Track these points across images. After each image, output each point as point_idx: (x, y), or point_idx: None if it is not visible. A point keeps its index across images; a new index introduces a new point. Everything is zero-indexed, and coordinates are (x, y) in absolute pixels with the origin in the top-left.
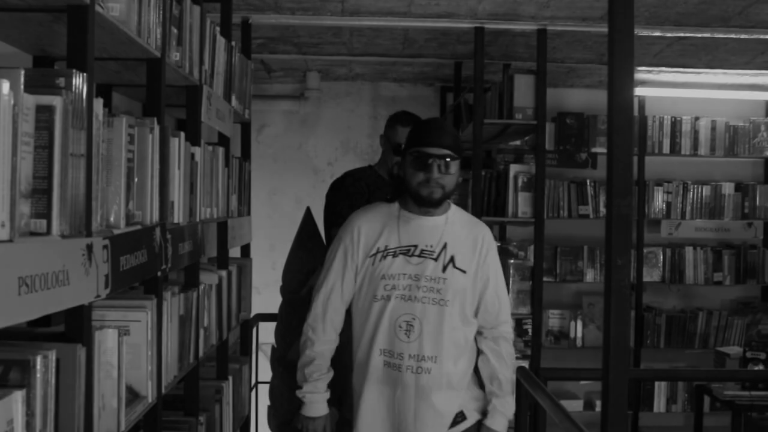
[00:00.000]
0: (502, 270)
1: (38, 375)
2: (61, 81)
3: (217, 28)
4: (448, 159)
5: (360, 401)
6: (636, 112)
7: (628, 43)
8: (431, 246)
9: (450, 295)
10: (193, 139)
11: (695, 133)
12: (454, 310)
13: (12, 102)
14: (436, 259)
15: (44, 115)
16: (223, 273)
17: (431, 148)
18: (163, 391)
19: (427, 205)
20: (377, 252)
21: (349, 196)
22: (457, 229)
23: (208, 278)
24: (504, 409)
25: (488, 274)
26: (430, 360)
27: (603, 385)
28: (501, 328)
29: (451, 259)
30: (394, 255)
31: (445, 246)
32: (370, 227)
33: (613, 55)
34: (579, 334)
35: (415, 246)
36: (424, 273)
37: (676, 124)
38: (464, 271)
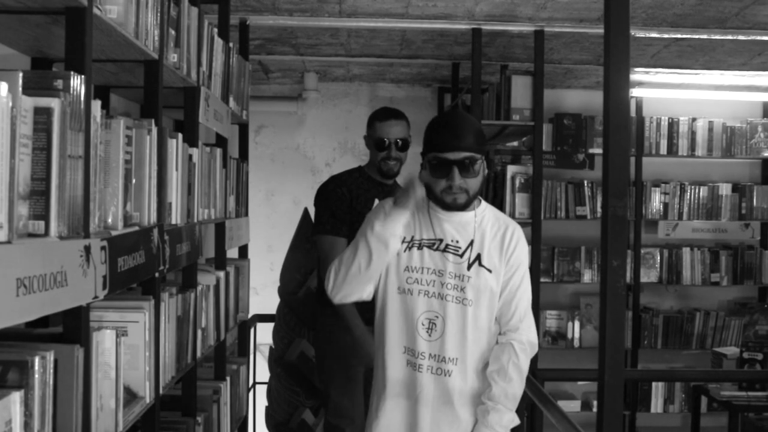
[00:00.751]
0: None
1: (36, 376)
2: (59, 83)
3: (215, 30)
4: (468, 161)
5: (378, 413)
6: (633, 113)
7: (624, 44)
8: (457, 242)
9: (473, 294)
10: (191, 140)
11: (692, 134)
12: (479, 311)
13: (10, 104)
14: (461, 256)
15: (42, 117)
16: (221, 274)
17: (449, 153)
18: (161, 391)
19: (453, 209)
20: (403, 242)
21: (329, 202)
22: (486, 227)
23: (206, 279)
24: (488, 421)
25: (512, 272)
26: (451, 362)
27: (599, 385)
28: (514, 335)
29: (478, 257)
30: (419, 247)
31: (471, 243)
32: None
33: (609, 56)
34: (576, 335)
35: (441, 240)
36: (447, 269)
37: (673, 125)
38: (490, 270)
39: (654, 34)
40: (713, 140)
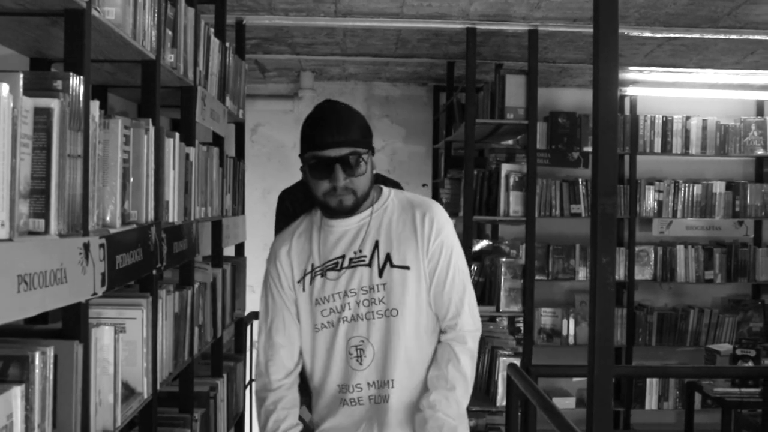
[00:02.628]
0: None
1: (37, 371)
2: (59, 84)
3: (212, 30)
4: (352, 158)
5: None
6: (627, 112)
7: (613, 45)
8: (360, 251)
9: (396, 301)
10: (188, 139)
11: (686, 132)
12: (408, 318)
13: (11, 105)
14: (369, 264)
15: (42, 117)
16: (218, 271)
17: (330, 151)
18: (159, 387)
19: (342, 215)
20: (304, 275)
21: (276, 217)
22: (392, 219)
23: (203, 277)
24: (441, 408)
25: (435, 260)
26: (386, 386)
27: (588, 381)
28: (453, 333)
29: (387, 258)
30: (322, 274)
31: (376, 245)
32: (294, 250)
33: (598, 57)
34: (571, 332)
35: (342, 257)
36: (360, 284)
37: (667, 123)
38: (407, 267)
39: (647, 34)
40: (707, 138)
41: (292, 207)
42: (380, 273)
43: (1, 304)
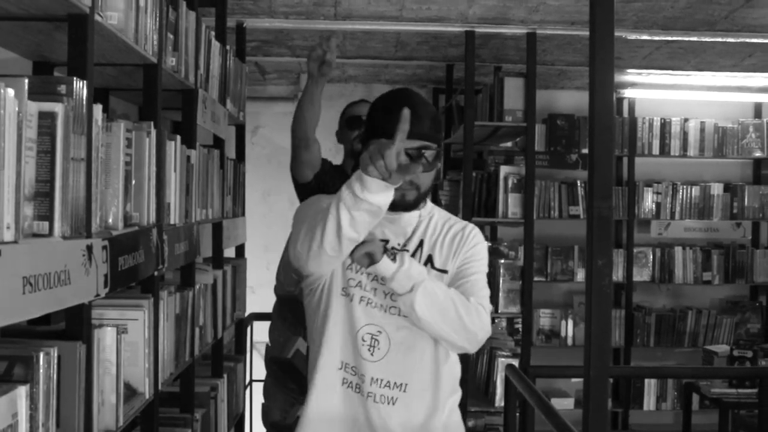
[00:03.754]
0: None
1: (41, 371)
2: (63, 88)
3: (212, 33)
4: (428, 152)
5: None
6: (626, 114)
7: (609, 48)
8: (404, 244)
9: None
10: (189, 141)
11: (684, 134)
12: None
13: (17, 109)
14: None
15: (46, 121)
16: (218, 273)
17: (408, 142)
18: (160, 387)
19: (399, 209)
20: None
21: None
22: (435, 224)
23: (204, 278)
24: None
25: (467, 263)
26: (397, 388)
27: (584, 382)
28: (483, 302)
29: (429, 259)
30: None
31: (421, 244)
32: None
33: (594, 61)
34: (570, 333)
35: (386, 241)
36: None
37: (665, 125)
38: (445, 271)
39: (645, 37)
40: (705, 140)
41: (316, 181)
42: None
43: (7, 305)
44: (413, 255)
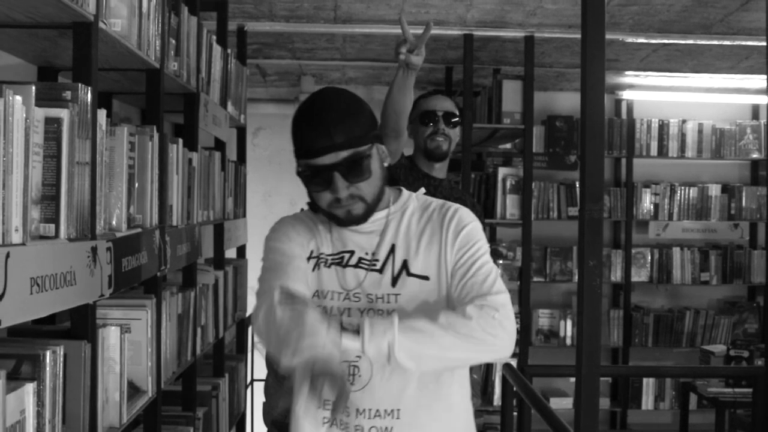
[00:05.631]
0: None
1: (48, 369)
2: (68, 94)
3: (214, 37)
4: (352, 162)
5: None
6: (624, 115)
7: (600, 53)
8: (372, 254)
9: (409, 315)
10: (191, 144)
11: (682, 135)
12: None
13: (24, 115)
14: (380, 271)
15: (52, 126)
16: (220, 273)
17: (323, 158)
18: (163, 386)
19: (352, 225)
20: (310, 257)
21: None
22: (408, 221)
23: (205, 278)
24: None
25: (462, 255)
26: (389, 416)
27: (576, 381)
28: (489, 298)
29: (404, 266)
30: (327, 264)
31: (392, 249)
32: (300, 229)
33: (585, 66)
34: (569, 333)
35: (351, 252)
36: (366, 292)
37: (663, 126)
38: (426, 278)
39: (641, 40)
40: (703, 142)
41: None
42: (394, 282)
43: (16, 305)
44: (384, 264)
